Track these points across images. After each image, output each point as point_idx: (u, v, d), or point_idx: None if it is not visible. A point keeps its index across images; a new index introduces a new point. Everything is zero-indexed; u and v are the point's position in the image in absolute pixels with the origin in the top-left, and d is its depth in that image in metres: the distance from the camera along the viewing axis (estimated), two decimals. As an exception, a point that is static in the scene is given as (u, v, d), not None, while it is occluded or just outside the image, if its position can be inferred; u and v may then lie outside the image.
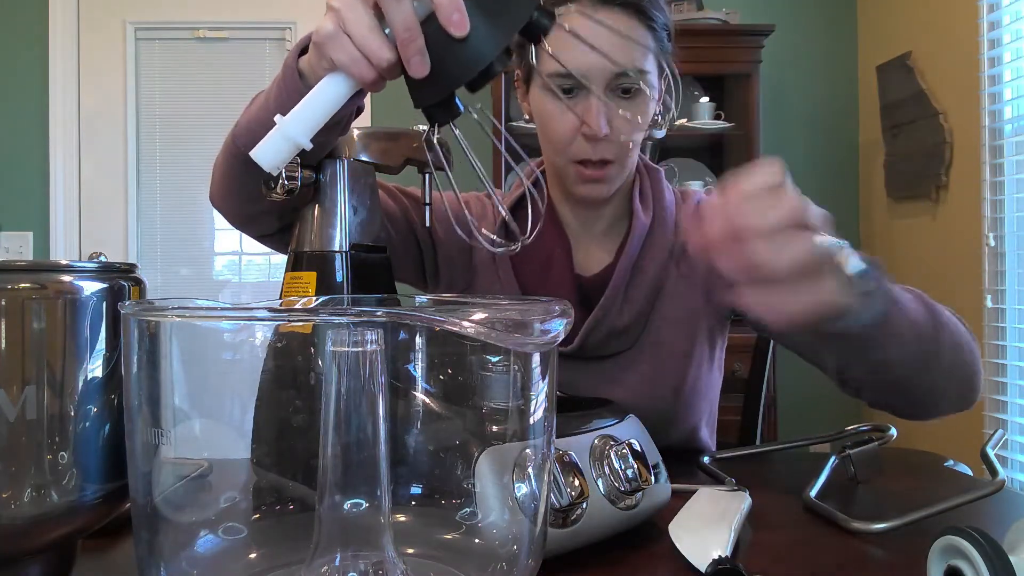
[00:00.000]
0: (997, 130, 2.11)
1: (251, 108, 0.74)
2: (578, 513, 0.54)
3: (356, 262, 0.72)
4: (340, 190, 0.73)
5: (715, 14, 2.50)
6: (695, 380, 0.97)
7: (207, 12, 2.78)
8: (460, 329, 0.35)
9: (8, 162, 2.75)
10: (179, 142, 2.82)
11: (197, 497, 0.43)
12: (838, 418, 2.64)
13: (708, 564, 0.51)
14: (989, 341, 2.10)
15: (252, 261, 2.87)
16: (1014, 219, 2.07)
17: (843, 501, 0.72)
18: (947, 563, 0.45)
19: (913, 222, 2.48)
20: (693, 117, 2.53)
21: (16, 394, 0.42)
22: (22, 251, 2.75)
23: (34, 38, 2.75)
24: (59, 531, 0.45)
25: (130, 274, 0.50)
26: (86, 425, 0.45)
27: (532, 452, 0.43)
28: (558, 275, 0.96)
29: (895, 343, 0.66)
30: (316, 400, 0.40)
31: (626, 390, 0.94)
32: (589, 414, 0.64)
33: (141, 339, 0.39)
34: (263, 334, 0.40)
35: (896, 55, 2.48)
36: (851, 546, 0.60)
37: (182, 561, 0.41)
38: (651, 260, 0.95)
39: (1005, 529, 0.47)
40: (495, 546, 0.47)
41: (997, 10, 2.10)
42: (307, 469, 0.41)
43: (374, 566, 0.40)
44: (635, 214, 0.96)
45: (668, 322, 0.96)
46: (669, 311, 0.96)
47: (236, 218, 0.85)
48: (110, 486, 0.46)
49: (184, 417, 0.41)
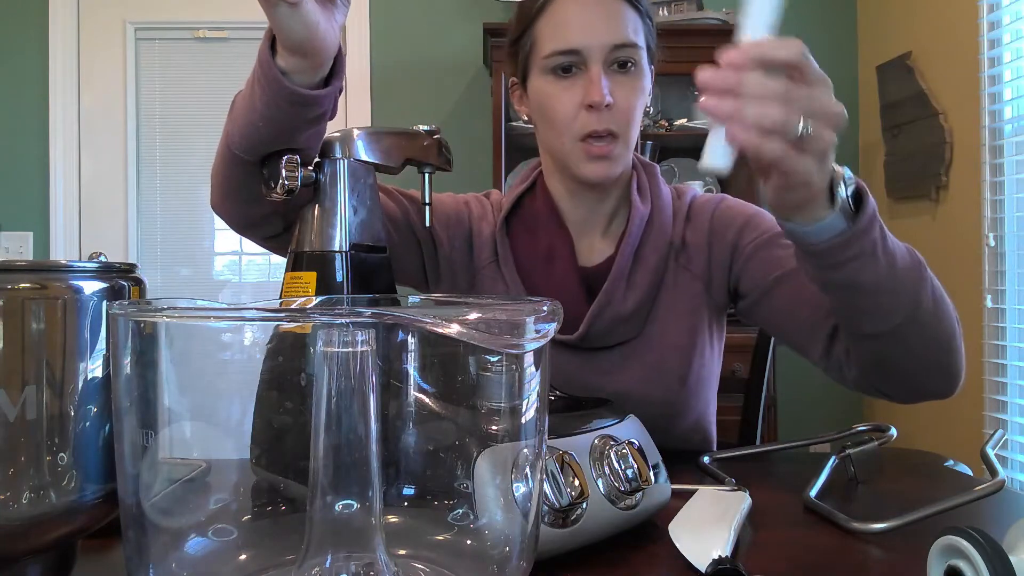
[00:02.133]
0: (997, 130, 2.11)
1: (236, 111, 0.73)
2: (578, 513, 0.54)
3: (356, 262, 0.72)
4: (340, 190, 0.73)
5: (715, 14, 2.50)
6: (700, 369, 0.98)
7: (207, 12, 2.79)
8: (445, 331, 0.34)
9: (8, 162, 2.75)
10: (179, 142, 2.82)
11: (187, 499, 0.42)
12: (838, 418, 2.64)
13: (708, 564, 0.51)
14: (989, 341, 2.10)
15: (252, 261, 2.87)
16: (1014, 219, 2.07)
17: (843, 501, 0.72)
18: (947, 563, 0.45)
19: (913, 222, 2.48)
20: (693, 117, 2.53)
21: (16, 394, 0.42)
22: (22, 251, 2.75)
23: (34, 38, 2.75)
24: (59, 531, 0.45)
25: (130, 274, 0.50)
26: (86, 425, 0.45)
27: (529, 452, 0.43)
28: (561, 268, 0.97)
29: (877, 280, 0.68)
30: (309, 400, 0.40)
31: (633, 380, 0.95)
32: (589, 414, 0.64)
33: (132, 339, 0.38)
34: (252, 335, 0.40)
35: (896, 55, 2.48)
36: (851, 546, 0.60)
37: (171, 563, 0.41)
38: (652, 249, 0.96)
39: (1005, 529, 0.47)
40: (487, 547, 0.47)
41: (997, 10, 2.10)
42: (300, 470, 0.41)
43: (365, 567, 0.40)
44: (633, 204, 0.97)
45: (670, 312, 0.97)
46: (670, 301, 0.97)
47: (240, 222, 0.85)
48: (110, 486, 0.46)
49: (175, 418, 0.40)
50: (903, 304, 0.70)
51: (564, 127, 0.91)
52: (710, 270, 0.97)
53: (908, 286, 0.70)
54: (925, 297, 0.71)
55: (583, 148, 0.91)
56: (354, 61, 2.76)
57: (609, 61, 0.89)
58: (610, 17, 0.89)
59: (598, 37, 0.88)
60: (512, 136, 2.45)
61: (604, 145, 0.90)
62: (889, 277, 0.68)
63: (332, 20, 0.65)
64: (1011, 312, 2.07)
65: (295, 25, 0.62)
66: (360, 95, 2.77)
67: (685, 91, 2.66)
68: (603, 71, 0.88)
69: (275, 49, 0.67)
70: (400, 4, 2.80)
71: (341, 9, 0.67)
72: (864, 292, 0.69)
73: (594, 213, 1.00)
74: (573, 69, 0.89)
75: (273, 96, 0.67)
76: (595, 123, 0.89)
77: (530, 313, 0.38)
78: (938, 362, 0.76)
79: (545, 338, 0.38)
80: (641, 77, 0.91)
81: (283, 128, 0.69)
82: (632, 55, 0.89)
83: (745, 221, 0.96)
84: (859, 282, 0.68)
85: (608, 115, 0.89)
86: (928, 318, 0.72)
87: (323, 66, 0.67)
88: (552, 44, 0.89)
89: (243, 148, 0.72)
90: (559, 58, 0.89)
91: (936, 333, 0.73)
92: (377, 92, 2.79)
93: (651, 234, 0.97)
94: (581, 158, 0.92)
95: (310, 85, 0.67)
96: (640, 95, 0.91)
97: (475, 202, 1.06)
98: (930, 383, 0.78)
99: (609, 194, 0.99)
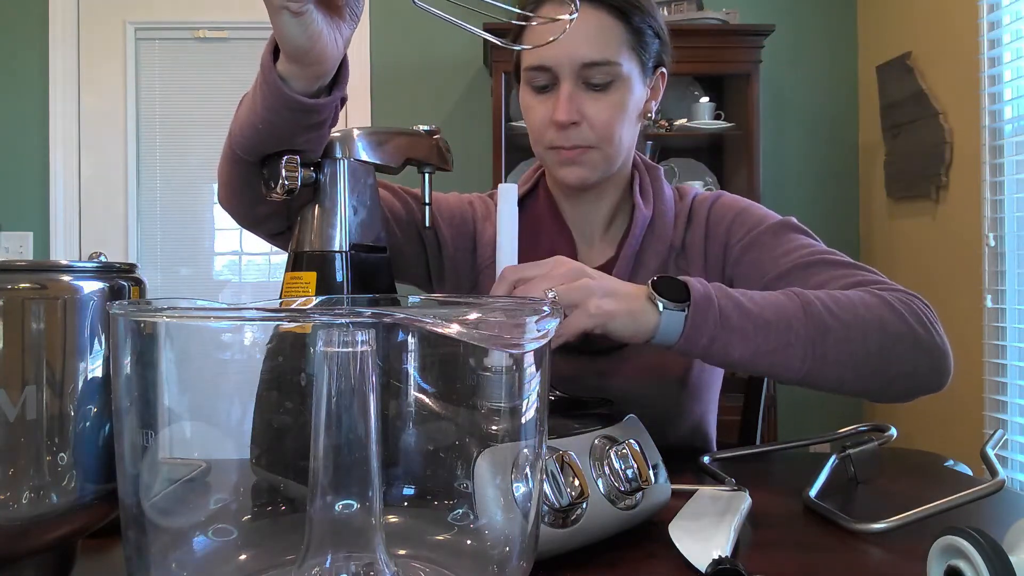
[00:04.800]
0: (997, 130, 2.11)
1: (240, 112, 0.74)
2: (578, 513, 0.54)
3: (356, 262, 0.72)
4: (340, 190, 0.73)
5: (715, 14, 2.50)
6: (700, 372, 0.98)
7: (207, 12, 2.78)
8: (445, 331, 0.34)
9: (8, 162, 2.75)
10: (179, 142, 2.82)
11: (187, 499, 0.42)
12: (838, 418, 2.64)
13: (708, 564, 0.51)
14: (989, 341, 2.11)
15: (252, 261, 2.87)
16: (1014, 219, 2.07)
17: (843, 501, 0.72)
18: (947, 563, 0.45)
19: (913, 222, 2.48)
20: (693, 117, 2.53)
21: (16, 394, 0.42)
22: (22, 251, 2.75)
23: (34, 38, 2.75)
24: (59, 531, 0.45)
25: (130, 274, 0.50)
26: (86, 425, 0.45)
27: (529, 452, 0.43)
28: None
29: (754, 347, 0.72)
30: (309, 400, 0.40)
31: (632, 382, 0.94)
32: (589, 414, 0.64)
33: (132, 339, 0.38)
34: (252, 335, 0.40)
35: (896, 55, 2.48)
36: (851, 546, 0.60)
37: (171, 563, 0.41)
38: (652, 253, 0.96)
39: (1005, 529, 0.47)
40: (487, 547, 0.47)
41: (997, 10, 2.10)
42: (300, 470, 0.40)
43: (365, 567, 0.40)
44: (636, 207, 0.97)
45: None
46: None
47: (245, 220, 0.86)
48: (110, 486, 0.46)
49: (175, 418, 0.40)
50: (796, 355, 0.72)
51: (537, 136, 0.94)
52: (707, 272, 0.97)
53: (792, 336, 0.72)
54: (821, 334, 0.72)
55: (553, 154, 0.93)
56: (354, 61, 2.74)
57: (582, 78, 0.89)
58: (587, 34, 0.87)
59: (569, 55, 0.87)
60: (512, 136, 2.45)
61: (571, 151, 0.91)
62: (765, 339, 0.71)
63: (337, 32, 0.65)
64: (1011, 312, 2.07)
65: (297, 33, 0.61)
66: (360, 95, 2.77)
67: (685, 91, 2.66)
68: (574, 88, 0.89)
69: (279, 55, 0.67)
70: (400, 4, 2.79)
71: (349, 23, 0.66)
72: (749, 363, 0.73)
73: (592, 214, 1.00)
74: (548, 85, 0.91)
75: (273, 102, 0.66)
76: (561, 140, 0.91)
77: (531, 313, 0.38)
78: (886, 372, 0.75)
79: (545, 338, 0.38)
80: (621, 92, 0.90)
81: (282, 132, 0.69)
82: (608, 72, 0.88)
83: (734, 217, 0.96)
84: (735, 358, 0.72)
85: (576, 132, 0.90)
86: (841, 345, 0.73)
87: (324, 76, 0.66)
88: (528, 58, 0.91)
89: (244, 149, 0.72)
90: (532, 73, 0.91)
91: (861, 348, 0.74)
92: (377, 92, 2.79)
93: (652, 237, 0.97)
94: (553, 163, 0.94)
95: (310, 93, 0.67)
96: (618, 111, 0.90)
97: (479, 202, 1.06)
98: (898, 386, 0.77)
99: (604, 196, 0.99)
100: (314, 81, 0.66)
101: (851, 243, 2.77)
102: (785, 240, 0.90)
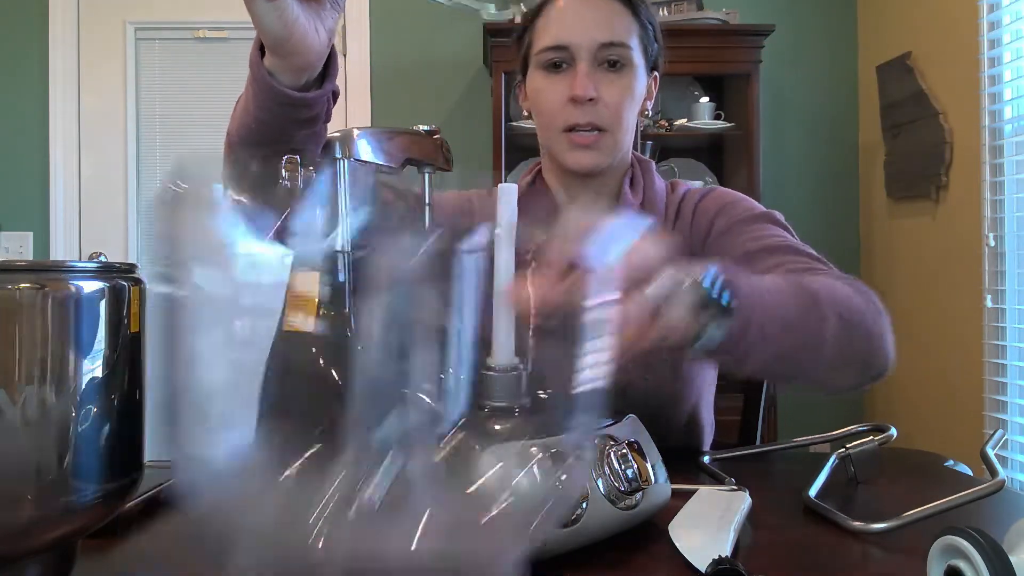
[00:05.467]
0: (997, 130, 2.11)
1: (236, 112, 0.74)
2: (578, 513, 0.54)
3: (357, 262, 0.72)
4: (340, 190, 0.73)
5: (715, 14, 2.49)
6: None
7: (207, 12, 2.78)
8: None
9: (8, 162, 2.75)
10: (179, 142, 2.82)
11: None
12: (838, 418, 2.63)
13: (708, 564, 0.51)
14: (989, 341, 2.10)
15: (252, 261, 2.86)
16: (1014, 219, 2.07)
17: (843, 501, 0.72)
18: (947, 563, 0.45)
19: (913, 222, 2.48)
20: (693, 117, 2.53)
21: (16, 394, 0.42)
22: (22, 251, 2.74)
23: (34, 38, 2.75)
24: (59, 531, 0.45)
25: (130, 274, 0.50)
26: (86, 425, 0.45)
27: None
28: None
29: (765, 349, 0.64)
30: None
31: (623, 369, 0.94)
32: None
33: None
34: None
35: (896, 55, 2.48)
36: (851, 546, 0.60)
37: None
38: None
39: (1005, 529, 0.47)
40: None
41: (997, 10, 2.10)
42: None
43: None
44: (623, 196, 0.99)
45: None
46: None
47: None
48: (110, 486, 0.46)
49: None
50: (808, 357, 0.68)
51: (551, 118, 0.95)
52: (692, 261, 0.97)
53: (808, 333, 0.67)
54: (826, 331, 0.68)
55: (567, 138, 0.94)
56: (354, 61, 2.76)
57: (598, 59, 0.92)
58: (602, 17, 0.92)
59: (587, 35, 0.91)
60: (512, 136, 2.45)
61: (586, 135, 0.93)
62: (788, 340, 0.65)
63: (318, 21, 0.64)
64: (1011, 312, 2.07)
65: (273, 22, 0.61)
66: (360, 95, 2.76)
67: (685, 91, 2.66)
68: (591, 68, 0.92)
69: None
70: (400, 4, 2.79)
71: (331, 12, 0.65)
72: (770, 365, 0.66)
73: (591, 207, 1.00)
74: (563, 65, 0.93)
75: (263, 98, 0.66)
76: (578, 116, 0.92)
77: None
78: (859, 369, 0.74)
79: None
80: (632, 76, 0.94)
81: (274, 129, 0.69)
82: (622, 54, 0.93)
83: (720, 208, 0.97)
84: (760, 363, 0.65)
85: (592, 109, 0.92)
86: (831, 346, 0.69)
87: (308, 68, 0.66)
88: (545, 40, 0.94)
89: (240, 147, 0.72)
90: (550, 53, 0.93)
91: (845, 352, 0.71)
92: (377, 92, 2.79)
93: None
94: (565, 147, 0.95)
95: (298, 86, 0.67)
96: (628, 93, 0.94)
97: (478, 198, 1.07)
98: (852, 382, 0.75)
99: (603, 188, 1.00)
100: (300, 74, 0.66)
101: (851, 243, 2.77)
102: (757, 228, 0.91)
